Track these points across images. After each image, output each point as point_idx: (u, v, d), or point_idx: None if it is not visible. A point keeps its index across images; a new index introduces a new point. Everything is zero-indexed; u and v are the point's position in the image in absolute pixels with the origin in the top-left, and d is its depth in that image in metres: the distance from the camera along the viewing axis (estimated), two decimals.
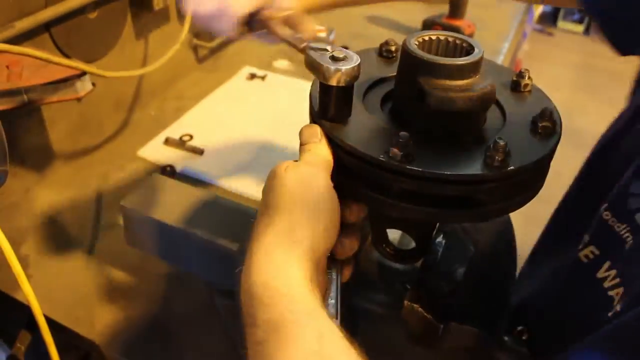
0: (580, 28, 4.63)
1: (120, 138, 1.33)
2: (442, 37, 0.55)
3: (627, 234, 0.58)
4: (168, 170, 1.20)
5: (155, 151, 1.28)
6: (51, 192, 1.15)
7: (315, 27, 0.74)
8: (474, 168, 0.48)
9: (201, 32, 1.53)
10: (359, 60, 0.51)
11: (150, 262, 0.98)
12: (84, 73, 0.95)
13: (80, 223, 1.10)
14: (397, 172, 0.48)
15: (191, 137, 1.32)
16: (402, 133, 0.48)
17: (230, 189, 1.17)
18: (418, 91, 0.51)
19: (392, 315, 0.69)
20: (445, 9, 1.90)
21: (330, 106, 0.52)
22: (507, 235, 0.74)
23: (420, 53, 0.52)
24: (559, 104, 0.57)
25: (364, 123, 0.53)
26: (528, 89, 0.60)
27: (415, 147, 0.48)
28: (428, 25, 1.78)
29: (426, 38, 0.56)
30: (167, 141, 1.30)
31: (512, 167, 0.47)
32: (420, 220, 0.55)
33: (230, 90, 1.52)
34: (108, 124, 1.32)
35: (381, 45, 0.66)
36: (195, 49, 1.56)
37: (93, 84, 0.99)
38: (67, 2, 1.07)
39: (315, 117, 0.54)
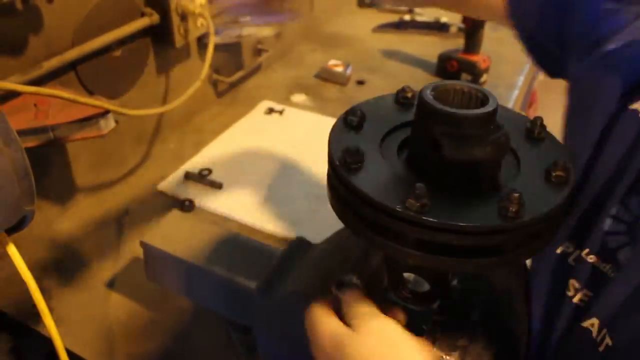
0: None
1: (141, 171, 1.36)
2: (457, 87, 0.57)
3: (612, 273, 0.60)
4: (187, 205, 1.22)
5: (174, 185, 1.30)
6: (73, 225, 1.18)
7: None
8: (489, 219, 0.48)
9: (221, 67, 1.57)
10: None
11: (170, 297, 0.99)
12: (107, 111, 0.98)
13: (102, 256, 1.12)
14: (413, 223, 0.49)
15: (210, 171, 1.34)
16: (419, 184, 0.49)
17: (248, 223, 1.18)
18: (433, 141, 0.52)
19: None
20: (460, 43, 1.93)
21: None
22: (520, 276, 0.74)
23: (436, 104, 0.53)
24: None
25: (380, 171, 0.55)
26: (542, 136, 0.61)
27: (430, 197, 0.49)
28: (443, 59, 1.80)
29: (442, 89, 0.57)
30: (187, 175, 1.32)
31: (526, 219, 0.48)
32: (434, 268, 0.56)
33: (248, 125, 1.55)
34: (129, 158, 1.35)
35: (398, 92, 0.67)
36: (214, 84, 1.59)
37: (116, 122, 1.02)
38: (93, 41, 1.12)
39: None
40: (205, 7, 1.28)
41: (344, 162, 0.54)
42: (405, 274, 0.67)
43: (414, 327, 0.72)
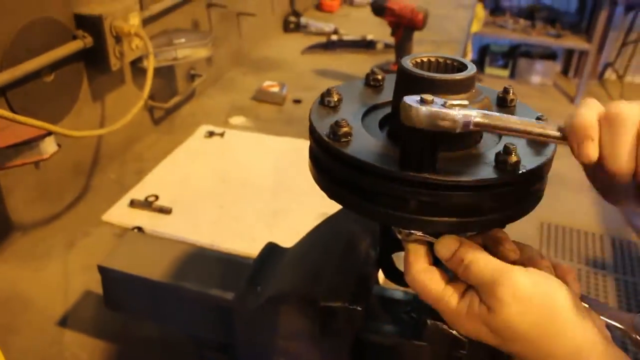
0: (506, 72, 4.96)
1: (82, 204, 1.28)
2: (432, 59, 0.57)
3: None
4: (136, 232, 1.15)
5: (120, 214, 1.23)
6: (10, 267, 1.08)
7: None
8: (487, 172, 0.48)
9: (155, 93, 1.52)
10: None
11: (133, 326, 0.92)
12: (48, 133, 0.92)
13: (48, 295, 1.03)
14: (416, 184, 0.48)
15: (157, 197, 1.28)
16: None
17: (205, 244, 1.13)
18: None
19: (401, 345, 0.67)
20: (387, 58, 1.98)
21: None
22: None
23: (419, 71, 0.53)
24: None
25: (369, 142, 0.53)
26: (514, 103, 0.62)
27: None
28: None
29: (419, 60, 0.57)
30: (133, 203, 1.25)
31: (525, 170, 0.48)
32: (437, 231, 0.55)
33: (190, 149, 1.50)
34: (68, 191, 1.27)
35: (367, 75, 0.67)
36: (150, 110, 1.54)
37: (59, 145, 0.96)
38: (22, 65, 1.05)
39: None
40: (140, 28, 1.24)
41: (332, 136, 0.53)
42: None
43: (404, 315, 0.71)
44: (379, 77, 0.67)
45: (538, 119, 0.54)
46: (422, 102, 0.46)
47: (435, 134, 0.46)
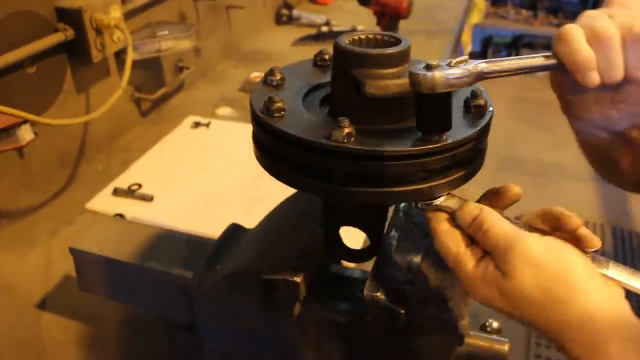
0: None
1: (67, 193, 1.31)
2: (370, 36, 0.59)
3: None
4: (109, 217, 1.18)
5: (104, 202, 1.26)
6: None
7: None
8: (409, 144, 0.50)
9: (142, 85, 1.55)
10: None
11: (107, 308, 0.95)
12: (24, 121, 0.95)
13: (29, 280, 1.06)
14: (340, 154, 0.50)
15: (140, 186, 1.31)
16: (341, 117, 0.50)
17: (184, 230, 1.15)
18: (353, 82, 0.54)
19: (354, 322, 0.69)
20: None
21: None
22: None
23: (352, 47, 0.55)
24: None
25: (303, 117, 0.55)
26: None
27: (354, 130, 0.50)
28: None
29: (356, 37, 0.59)
30: (116, 191, 1.28)
31: (446, 141, 0.50)
32: (369, 203, 0.56)
33: (176, 139, 1.53)
34: (54, 180, 1.30)
35: (315, 56, 0.69)
36: (137, 102, 1.57)
37: (35, 134, 0.98)
38: (3, 56, 1.08)
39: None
40: (121, 20, 1.27)
41: (266, 111, 0.55)
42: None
43: (357, 293, 0.73)
44: (327, 57, 0.69)
45: None
46: (429, 68, 0.48)
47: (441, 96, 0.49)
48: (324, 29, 2.20)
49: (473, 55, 4.92)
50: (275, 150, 0.55)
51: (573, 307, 0.47)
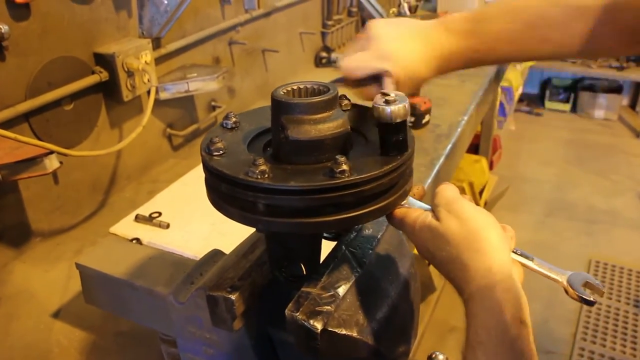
0: (567, 107, 4.84)
1: (96, 218, 1.45)
2: (302, 86, 0.68)
3: None
4: (134, 243, 1.30)
5: (125, 227, 1.39)
6: (27, 267, 1.26)
7: None
8: (318, 180, 0.58)
9: (175, 122, 1.69)
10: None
11: (110, 320, 1.06)
12: (51, 152, 1.09)
13: (50, 292, 1.19)
14: (254, 188, 0.58)
15: (160, 214, 1.43)
16: (259, 157, 0.59)
17: (190, 256, 1.26)
18: (280, 126, 0.63)
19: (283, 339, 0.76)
20: None
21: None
22: (407, 269, 0.82)
23: (282, 97, 0.64)
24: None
25: (240, 157, 0.64)
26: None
27: (272, 168, 0.58)
28: None
29: (295, 87, 0.68)
30: (137, 218, 1.41)
31: (347, 178, 0.58)
32: (287, 231, 0.64)
33: (200, 172, 1.64)
34: (85, 205, 1.45)
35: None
36: (169, 137, 1.71)
37: (60, 162, 1.12)
38: (44, 95, 1.24)
39: None
40: (151, 64, 1.42)
41: (207, 150, 0.64)
42: None
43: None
44: None
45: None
46: (387, 102, 0.61)
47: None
48: None
49: (529, 98, 4.89)
50: (212, 183, 0.64)
51: (479, 257, 0.61)
